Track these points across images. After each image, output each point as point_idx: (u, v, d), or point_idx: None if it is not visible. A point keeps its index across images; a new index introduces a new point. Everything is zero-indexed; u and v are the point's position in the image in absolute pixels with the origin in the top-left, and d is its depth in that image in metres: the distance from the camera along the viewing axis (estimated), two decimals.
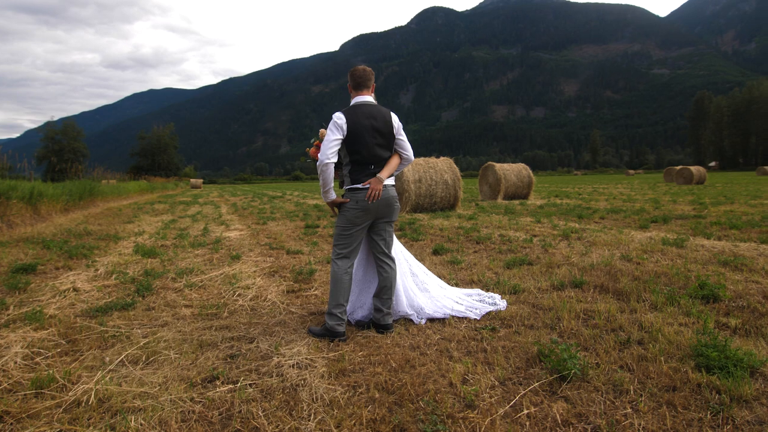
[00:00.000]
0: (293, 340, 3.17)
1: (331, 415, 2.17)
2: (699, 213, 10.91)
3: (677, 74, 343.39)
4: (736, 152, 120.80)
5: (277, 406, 2.27)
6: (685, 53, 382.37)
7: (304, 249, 6.87)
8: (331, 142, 3.06)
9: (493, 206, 14.65)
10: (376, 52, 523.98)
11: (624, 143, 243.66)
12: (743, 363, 2.53)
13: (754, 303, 3.73)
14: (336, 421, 2.12)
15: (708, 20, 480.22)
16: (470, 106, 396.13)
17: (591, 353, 2.84)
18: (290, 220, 11.22)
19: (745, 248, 6.09)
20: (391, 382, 2.49)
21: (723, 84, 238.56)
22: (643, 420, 2.09)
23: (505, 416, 2.16)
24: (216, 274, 5.24)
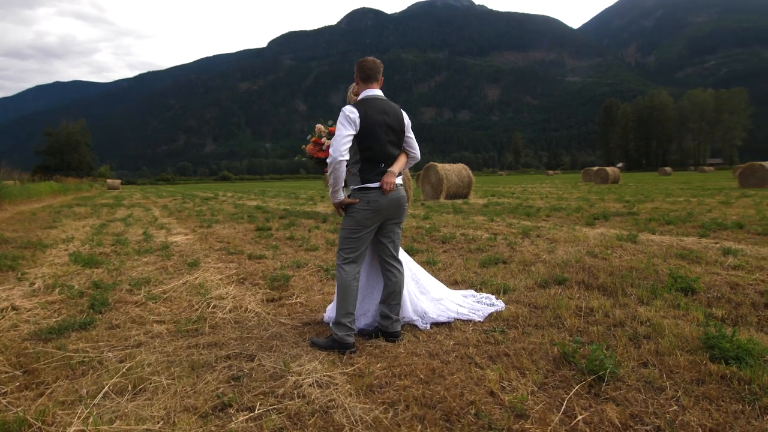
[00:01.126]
0: (298, 355, 2.88)
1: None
2: (630, 210, 11.74)
3: (588, 82, 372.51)
4: (640, 154, 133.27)
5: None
6: (594, 63, 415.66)
7: (266, 253, 6.46)
8: (344, 137, 2.81)
9: (440, 206, 14.85)
10: (305, 51, 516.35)
11: (542, 145, 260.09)
12: (753, 352, 2.65)
13: (727, 294, 3.98)
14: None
15: (614, 34, 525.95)
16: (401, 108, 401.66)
17: (609, 351, 2.84)
18: (237, 223, 10.59)
19: (690, 242, 6.59)
20: (427, 396, 2.31)
21: (627, 92, 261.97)
22: (693, 416, 2.09)
23: (561, 423, 2.06)
24: (178, 283, 4.74)
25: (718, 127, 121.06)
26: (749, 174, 24.48)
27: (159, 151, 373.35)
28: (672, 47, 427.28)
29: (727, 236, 7.20)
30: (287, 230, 9.06)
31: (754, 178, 24.00)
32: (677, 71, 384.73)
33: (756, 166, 24.79)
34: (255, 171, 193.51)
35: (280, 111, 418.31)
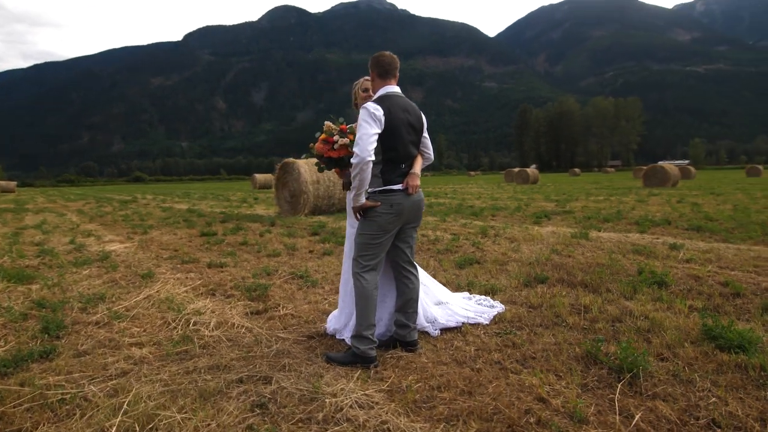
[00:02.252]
0: (318, 373, 2.64)
1: None
2: (564, 209, 12.50)
3: (503, 88, 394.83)
4: (551, 156, 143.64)
5: None
6: (509, 70, 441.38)
7: (226, 261, 5.98)
8: (371, 136, 2.61)
9: None
10: (224, 47, 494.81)
11: (463, 147, 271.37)
12: (753, 340, 2.84)
13: (694, 286, 4.30)
14: None
15: (526, 44, 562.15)
16: (325, 108, 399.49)
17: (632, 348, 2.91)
18: (175, 228, 9.78)
19: (635, 238, 7.11)
20: (480, 409, 2.20)
21: (539, 99, 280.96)
22: (734, 407, 2.18)
23: (623, 425, 2.05)
24: (139, 298, 4.21)
25: (617, 132, 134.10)
26: (651, 174, 27.28)
27: (59, 150, 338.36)
28: (576, 58, 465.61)
29: (662, 232, 7.88)
30: (236, 235, 8.52)
31: (656, 178, 26.79)
32: (581, 81, 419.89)
33: (657, 168, 27.72)
34: (170, 172, 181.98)
35: (197, 108, 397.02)
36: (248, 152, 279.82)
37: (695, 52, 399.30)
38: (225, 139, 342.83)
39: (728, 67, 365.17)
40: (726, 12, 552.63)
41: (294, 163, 12.07)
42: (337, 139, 2.88)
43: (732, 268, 4.96)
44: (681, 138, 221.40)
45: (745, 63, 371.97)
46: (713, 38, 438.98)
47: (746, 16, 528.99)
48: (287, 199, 12.43)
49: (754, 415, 2.11)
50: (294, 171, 12.01)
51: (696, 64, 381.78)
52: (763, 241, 6.71)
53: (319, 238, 7.84)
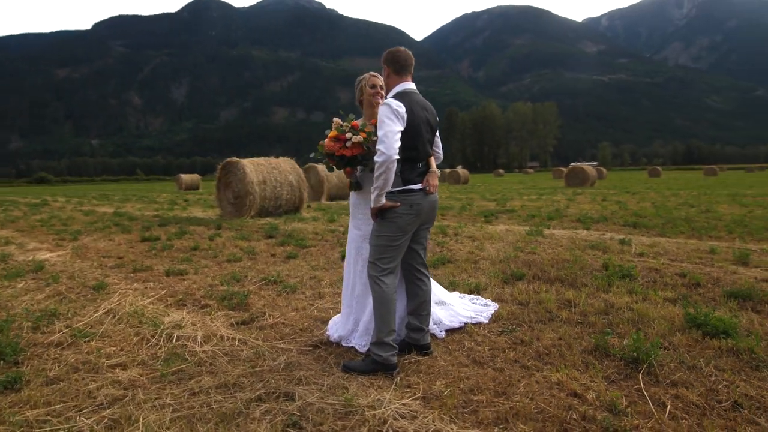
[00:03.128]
0: (342, 385, 2.49)
1: None
2: (504, 207, 13.06)
3: (430, 92, 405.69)
4: (476, 158, 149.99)
5: None
6: (435, 74, 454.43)
7: (184, 268, 5.53)
8: (396, 133, 2.50)
9: (330, 207, 14.61)
10: (139, 38, 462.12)
11: None
12: (731, 326, 3.10)
13: (656, 278, 4.64)
14: None
15: (451, 49, 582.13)
16: (251, 106, 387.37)
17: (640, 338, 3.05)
18: (109, 233, 8.91)
19: (585, 235, 7.56)
20: (523, 410, 2.18)
21: (463, 102, 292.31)
22: (747, 388, 2.34)
23: (659, 413, 2.13)
24: (100, 314, 3.75)
25: (536, 135, 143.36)
26: (573, 175, 29.39)
27: None
28: (497, 65, 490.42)
29: (604, 228, 8.46)
30: (182, 240, 7.94)
31: (577, 179, 28.90)
32: (502, 86, 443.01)
33: (578, 169, 29.92)
34: (79, 172, 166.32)
35: (110, 103, 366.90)
36: (167, 151, 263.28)
37: (601, 63, 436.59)
38: (141, 137, 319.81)
39: (629, 78, 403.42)
40: (627, 27, 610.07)
41: (238, 163, 11.50)
42: (350, 137, 2.73)
43: (681, 260, 5.42)
44: (590, 141, 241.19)
45: (642, 74, 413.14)
46: (616, 51, 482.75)
47: (644, 32, 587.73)
48: (230, 201, 11.81)
49: (767, 396, 2.28)
50: (238, 171, 11.44)
51: (602, 74, 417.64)
52: (694, 235, 7.43)
53: (276, 241, 7.52)
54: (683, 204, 13.23)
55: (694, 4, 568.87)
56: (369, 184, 2.99)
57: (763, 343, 2.88)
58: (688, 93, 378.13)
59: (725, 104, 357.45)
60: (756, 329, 3.16)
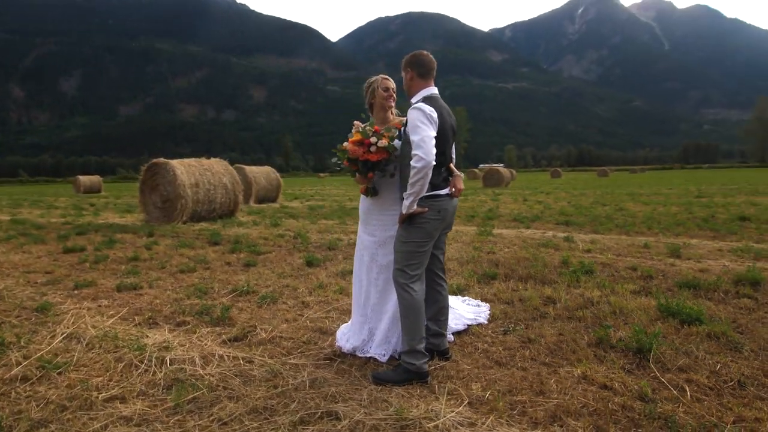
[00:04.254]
0: (381, 397, 2.40)
1: None
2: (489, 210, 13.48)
3: (347, 93, 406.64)
4: None
5: None
6: (351, 76, 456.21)
7: (136, 282, 5.00)
8: (432, 138, 2.46)
9: (263, 211, 14.07)
10: (19, 21, 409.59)
11: (308, 149, 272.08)
12: (701, 313, 3.47)
13: (613, 272, 5.06)
14: None
15: (366, 51, 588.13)
16: (155, 102, 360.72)
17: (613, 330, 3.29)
18: (18, 244, 7.78)
19: (529, 234, 8.04)
20: (568, 406, 2.27)
21: None
22: (741, 368, 2.64)
23: (682, 397, 2.32)
24: (60, 340, 3.26)
25: None
26: (490, 176, 31.13)
27: None
28: None
29: (542, 227, 9.06)
30: (113, 249, 7.18)
31: (493, 179, 30.65)
32: None
33: (494, 171, 31.75)
34: None
35: None
36: (56, 150, 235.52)
37: (505, 71, 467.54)
38: (23, 133, 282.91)
39: (530, 86, 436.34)
40: (528, 39, 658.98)
41: (166, 164, 10.64)
42: (375, 141, 2.64)
43: (624, 255, 5.98)
44: (497, 144, 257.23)
45: (541, 83, 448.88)
46: (518, 60, 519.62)
47: (542, 44, 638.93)
48: (158, 205, 10.89)
49: (761, 372, 2.59)
50: (167, 173, 10.59)
51: (506, 81, 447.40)
52: (622, 231, 8.22)
53: (225, 249, 7.08)
54: (595, 203, 14.57)
55: (584, 21, 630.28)
56: (385, 190, 2.92)
57: (732, 326, 3.26)
58: (579, 102, 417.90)
59: (609, 113, 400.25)
60: (718, 315, 3.57)
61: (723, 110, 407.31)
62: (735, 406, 2.24)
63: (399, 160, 2.79)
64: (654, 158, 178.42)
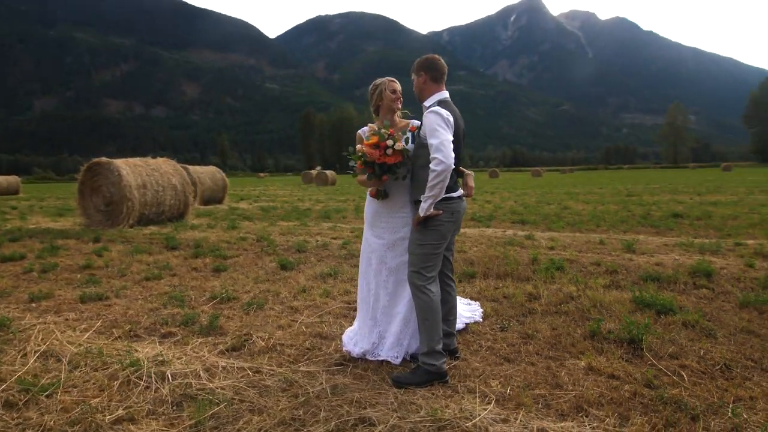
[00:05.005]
0: (409, 400, 2.40)
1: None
2: None
3: (285, 91, 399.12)
4: (335, 159, 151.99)
5: None
6: (290, 74, 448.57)
7: (100, 291, 4.64)
8: (450, 142, 2.51)
9: (213, 212, 13.51)
10: None
11: (246, 148, 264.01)
12: (672, 303, 3.78)
13: (580, 267, 5.37)
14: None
15: (305, 49, 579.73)
16: (75, 96, 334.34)
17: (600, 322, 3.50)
18: None
19: (491, 233, 8.33)
20: (587, 396, 2.39)
21: (319, 103, 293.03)
22: (724, 352, 2.90)
23: (681, 380, 2.52)
24: (36, 359, 2.96)
25: None
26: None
27: None
28: (351, 68, 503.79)
29: (501, 226, 9.41)
30: (58, 257, 6.60)
31: None
32: (356, 89, 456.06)
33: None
34: None
35: None
36: None
37: None
38: None
39: (467, 89, 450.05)
40: (464, 43, 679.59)
41: (110, 164, 9.93)
42: (392, 144, 2.63)
43: (585, 251, 6.35)
44: None
45: (478, 87, 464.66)
46: (456, 64, 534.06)
47: (478, 48, 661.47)
48: (100, 208, 10.13)
49: (741, 355, 2.87)
50: (111, 173, 9.87)
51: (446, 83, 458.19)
52: (574, 229, 8.72)
53: (186, 253, 6.74)
54: (540, 202, 15.34)
55: (516, 27, 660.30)
56: (394, 193, 2.93)
57: (697, 314, 3.58)
58: (512, 105, 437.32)
59: (540, 116, 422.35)
60: (685, 305, 3.91)
61: (639, 115, 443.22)
62: (729, 387, 2.48)
63: (412, 163, 2.80)
64: (580, 159, 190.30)
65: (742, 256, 5.73)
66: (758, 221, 8.86)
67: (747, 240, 6.85)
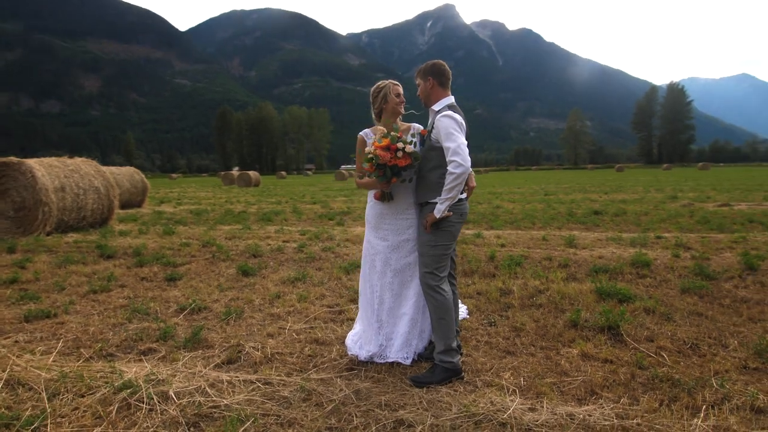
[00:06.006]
0: (435, 399, 2.45)
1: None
2: (335, 210, 13.57)
3: (197, 87, 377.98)
4: (254, 159, 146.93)
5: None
6: (202, 69, 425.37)
7: (43, 308, 4.12)
8: (466, 145, 2.59)
9: (136, 217, 12.51)
10: None
11: (154, 147, 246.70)
12: (629, 292, 4.20)
13: (534, 262, 5.75)
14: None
15: (219, 44, 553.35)
16: None
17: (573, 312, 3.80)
18: None
19: None
20: (592, 381, 2.60)
21: (235, 101, 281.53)
22: (687, 333, 3.28)
23: (662, 359, 2.83)
24: (2, 393, 2.59)
25: (311, 139, 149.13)
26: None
27: None
28: (269, 66, 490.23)
29: None
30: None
31: None
32: (274, 88, 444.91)
33: None
34: None
35: None
36: None
37: (363, 75, 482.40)
38: None
39: None
40: (383, 46, 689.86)
41: (21, 165, 8.81)
42: (402, 147, 2.65)
43: (533, 247, 6.80)
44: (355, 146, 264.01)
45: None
46: (375, 66, 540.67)
47: (396, 52, 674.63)
48: (8, 214, 8.94)
49: (705, 334, 3.27)
50: (23, 175, 8.77)
51: (364, 85, 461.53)
52: (514, 226, 9.26)
53: (128, 262, 6.21)
54: (472, 201, 16.08)
55: (433, 34, 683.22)
56: (399, 195, 2.95)
57: (653, 301, 4.01)
58: None
59: None
60: (637, 293, 4.35)
61: (544, 120, 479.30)
62: (704, 363, 2.83)
63: (422, 165, 2.85)
64: (492, 161, 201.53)
65: (667, 247, 6.49)
66: (666, 217, 10.04)
67: (664, 233, 7.75)
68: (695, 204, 12.94)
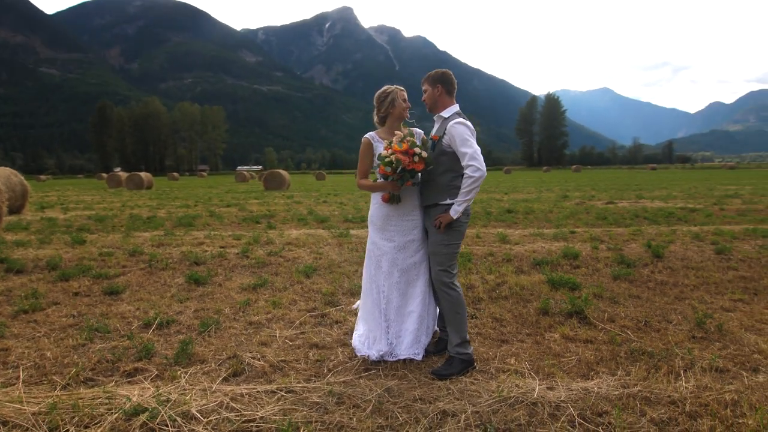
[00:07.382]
0: (463, 389, 2.60)
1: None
2: (257, 214, 13.13)
3: (69, 78, 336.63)
4: (138, 159, 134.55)
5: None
6: (74, 58, 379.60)
7: (9, 330, 3.52)
8: (480, 151, 2.77)
9: (22, 224, 10.93)
10: None
11: (15, 145, 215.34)
12: (575, 281, 4.75)
13: (480, 258, 6.18)
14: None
15: (96, 32, 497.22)
16: None
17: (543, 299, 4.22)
18: None
19: None
20: (587, 361, 2.95)
21: (115, 95, 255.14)
22: (640, 312, 3.83)
23: (636, 336, 3.29)
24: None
25: (205, 138, 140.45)
26: (271, 179, 31.03)
27: None
28: (155, 59, 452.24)
29: None
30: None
31: (275, 182, 30.67)
32: (161, 83, 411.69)
33: (276, 173, 31.76)
34: None
35: None
36: None
37: (260, 74, 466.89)
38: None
39: (285, 90, 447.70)
40: (280, 45, 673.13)
41: None
42: (419, 152, 2.75)
43: (471, 244, 7.27)
44: (253, 146, 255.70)
45: (295, 89, 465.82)
46: (272, 64, 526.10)
47: (295, 51, 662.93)
48: None
49: (650, 313, 3.83)
50: None
51: (261, 83, 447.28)
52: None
53: (47, 276, 5.50)
54: None
55: (331, 35, 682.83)
56: (406, 198, 3.05)
57: (597, 288, 4.59)
58: (329, 109, 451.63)
59: (355, 120, 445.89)
60: (579, 281, 4.92)
61: None
62: (662, 336, 3.34)
63: (432, 169, 2.98)
64: None
65: (585, 241, 7.36)
66: (568, 214, 11.30)
67: (575, 228, 8.75)
68: (586, 202, 14.71)
